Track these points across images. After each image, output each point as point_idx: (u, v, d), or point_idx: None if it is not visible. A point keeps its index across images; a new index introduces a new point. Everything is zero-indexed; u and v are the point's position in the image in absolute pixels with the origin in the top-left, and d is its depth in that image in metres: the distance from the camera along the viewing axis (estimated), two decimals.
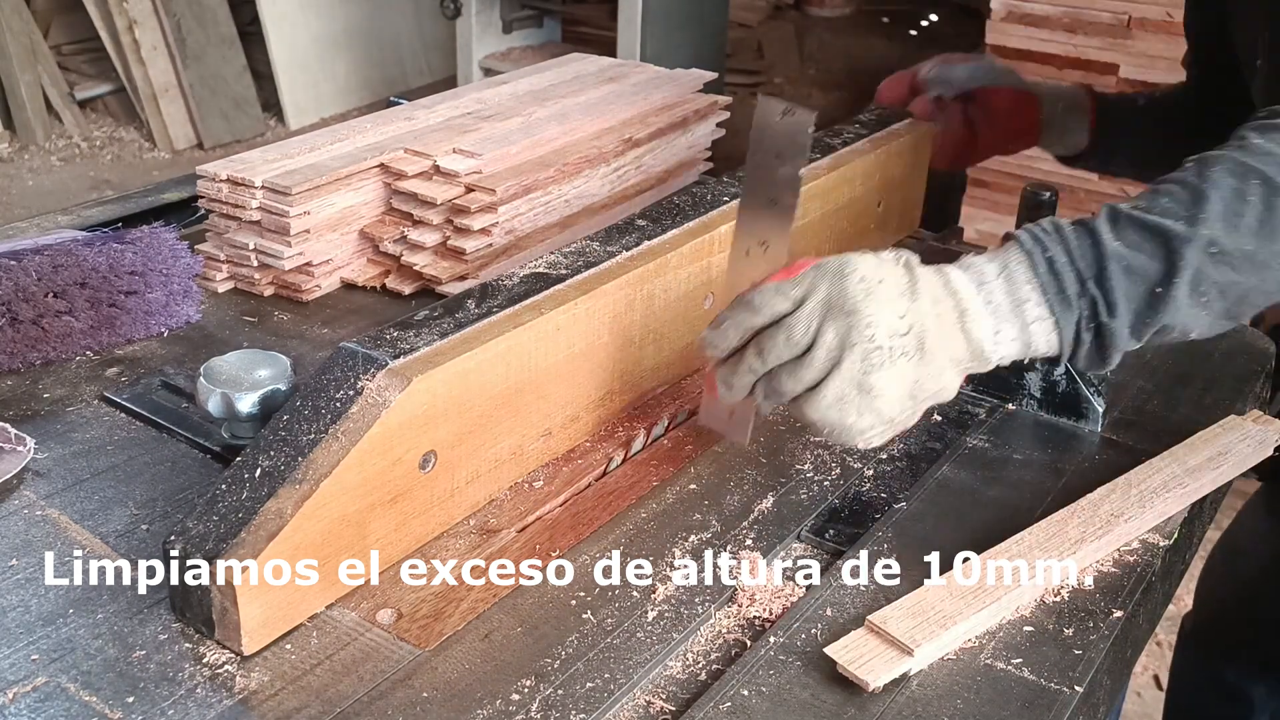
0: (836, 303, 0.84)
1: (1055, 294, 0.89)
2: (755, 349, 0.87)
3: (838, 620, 0.84)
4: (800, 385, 0.85)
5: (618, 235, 1.09)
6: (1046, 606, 0.87)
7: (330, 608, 0.84)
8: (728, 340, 0.89)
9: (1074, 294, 0.89)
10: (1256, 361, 1.26)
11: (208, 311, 1.25)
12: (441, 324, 0.91)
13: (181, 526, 0.79)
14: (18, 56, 4.74)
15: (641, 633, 0.82)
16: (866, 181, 1.36)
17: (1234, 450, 1.04)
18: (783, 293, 0.86)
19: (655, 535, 0.93)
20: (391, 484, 0.85)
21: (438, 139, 1.34)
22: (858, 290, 0.84)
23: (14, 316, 1.09)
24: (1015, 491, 1.01)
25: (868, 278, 0.85)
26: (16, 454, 0.96)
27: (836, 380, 0.84)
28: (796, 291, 0.86)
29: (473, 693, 0.77)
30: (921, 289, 0.86)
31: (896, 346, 0.84)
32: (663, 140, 1.51)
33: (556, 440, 1.01)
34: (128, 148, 5.00)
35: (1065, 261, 0.89)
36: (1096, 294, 0.89)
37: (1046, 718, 0.77)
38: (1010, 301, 0.89)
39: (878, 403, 0.85)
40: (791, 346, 0.85)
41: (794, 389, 0.86)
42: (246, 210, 1.24)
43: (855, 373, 0.84)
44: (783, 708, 0.76)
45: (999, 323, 0.89)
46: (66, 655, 0.78)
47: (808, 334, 0.84)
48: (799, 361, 0.85)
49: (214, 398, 0.96)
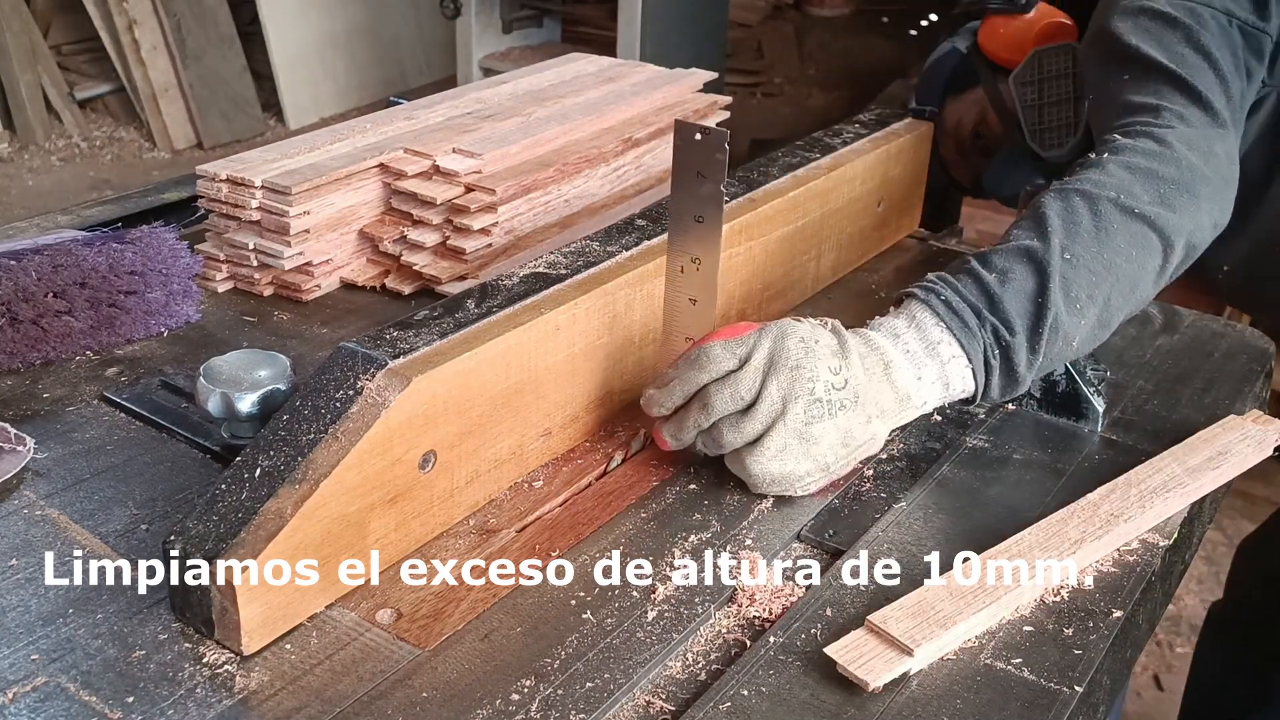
0: (780, 360, 0.93)
1: (960, 329, 0.99)
2: (700, 403, 0.94)
3: (838, 620, 0.84)
4: (741, 438, 0.93)
5: (618, 235, 1.09)
6: (1046, 606, 0.87)
7: (330, 608, 0.84)
8: (673, 399, 0.96)
9: (975, 325, 1.00)
10: (1256, 361, 1.26)
11: (207, 311, 1.25)
12: (441, 324, 0.91)
13: (181, 526, 0.79)
14: (18, 56, 4.74)
15: (641, 633, 0.82)
16: (866, 181, 1.36)
17: (1234, 450, 1.04)
18: (729, 350, 0.94)
19: (655, 535, 0.93)
20: (391, 484, 0.85)
21: (438, 139, 1.34)
22: (798, 349, 0.93)
23: (14, 316, 1.09)
24: (1015, 491, 1.01)
25: (806, 338, 0.94)
26: (16, 454, 0.96)
27: (780, 431, 0.92)
28: (742, 350, 0.93)
29: (473, 693, 0.77)
30: (850, 348, 0.96)
31: (835, 400, 0.93)
32: (663, 140, 1.51)
33: (556, 440, 1.01)
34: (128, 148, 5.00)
35: (959, 300, 1.00)
36: (993, 320, 1.00)
37: (1046, 718, 0.77)
38: (924, 346, 0.99)
39: (815, 450, 0.93)
40: (736, 401, 0.93)
41: (735, 441, 0.93)
42: (246, 210, 1.24)
43: (798, 423, 0.92)
44: (782, 708, 0.76)
45: (918, 368, 0.99)
46: (66, 655, 0.78)
47: (752, 390, 0.92)
48: (743, 415, 0.93)
49: (214, 398, 0.96)
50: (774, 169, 1.27)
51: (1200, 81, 1.19)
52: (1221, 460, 1.03)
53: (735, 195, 1.20)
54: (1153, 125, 1.15)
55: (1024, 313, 1.00)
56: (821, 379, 0.93)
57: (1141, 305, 1.11)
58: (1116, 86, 1.24)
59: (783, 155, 1.31)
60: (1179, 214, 1.09)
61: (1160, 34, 1.23)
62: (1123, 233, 1.05)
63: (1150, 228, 1.07)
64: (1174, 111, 1.17)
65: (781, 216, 1.22)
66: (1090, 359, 1.12)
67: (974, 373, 1.00)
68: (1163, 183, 1.09)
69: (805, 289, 1.32)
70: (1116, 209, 1.06)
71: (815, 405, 0.92)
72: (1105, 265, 1.04)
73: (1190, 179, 1.11)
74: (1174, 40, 1.22)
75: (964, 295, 1.00)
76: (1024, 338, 1.00)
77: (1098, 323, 1.04)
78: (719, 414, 0.93)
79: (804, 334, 0.94)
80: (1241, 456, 1.04)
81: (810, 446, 0.93)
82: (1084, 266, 1.02)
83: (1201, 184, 1.12)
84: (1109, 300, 1.04)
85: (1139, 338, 1.29)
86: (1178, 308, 1.35)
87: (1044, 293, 1.00)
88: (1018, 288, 1.01)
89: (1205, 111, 1.18)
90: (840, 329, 0.98)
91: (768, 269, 1.23)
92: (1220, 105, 1.19)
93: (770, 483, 0.94)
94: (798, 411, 0.92)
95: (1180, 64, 1.20)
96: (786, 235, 1.24)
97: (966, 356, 0.99)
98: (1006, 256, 1.03)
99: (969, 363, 0.99)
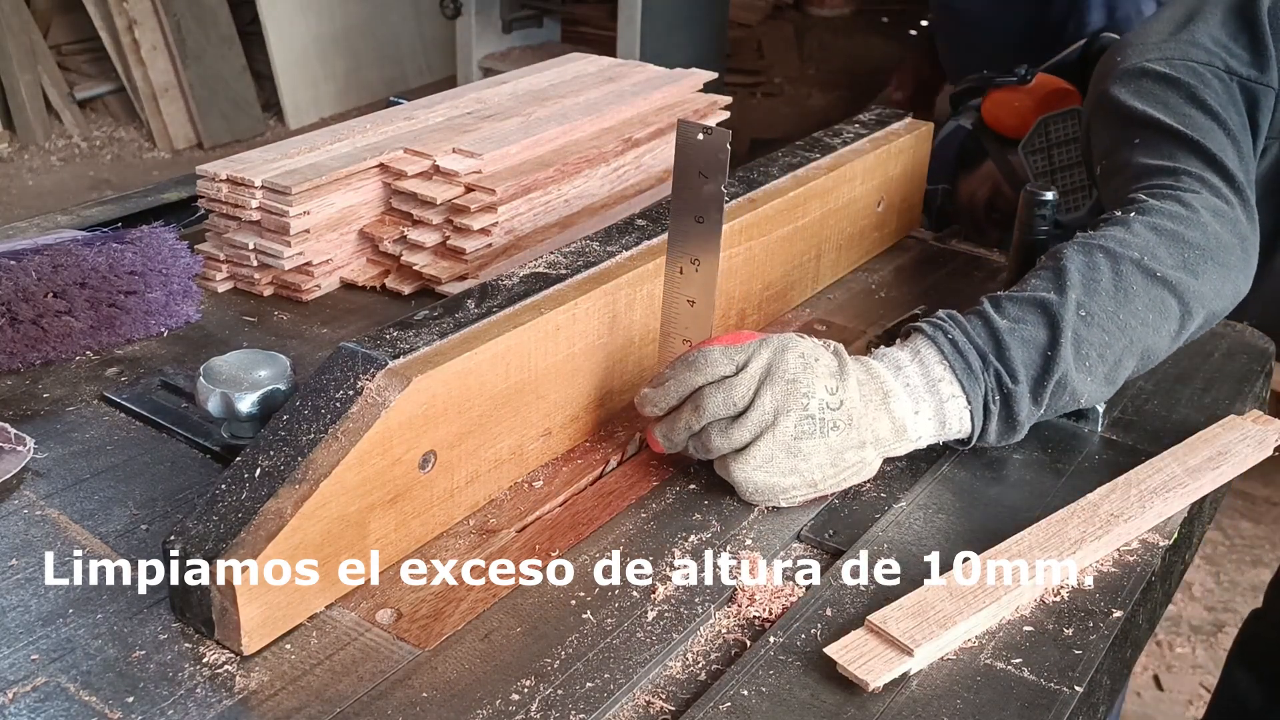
0: (777, 372, 0.92)
1: (963, 370, 0.98)
2: (693, 405, 0.94)
3: (837, 620, 0.84)
4: (729, 445, 0.93)
5: (618, 235, 1.09)
6: (1046, 606, 0.87)
7: (330, 608, 0.84)
8: (668, 399, 0.96)
9: (979, 369, 0.99)
10: (1256, 361, 1.26)
11: (207, 311, 1.25)
12: (441, 324, 0.91)
13: (181, 526, 0.79)
14: (18, 56, 4.74)
15: (641, 633, 0.82)
16: (866, 181, 1.36)
17: (1234, 450, 1.04)
18: (728, 356, 0.93)
19: (655, 535, 0.93)
20: (391, 484, 0.85)
21: (437, 139, 1.34)
22: (797, 364, 0.93)
23: (14, 316, 1.09)
24: (1015, 491, 1.01)
25: (806, 354, 0.94)
26: (16, 454, 0.96)
27: (768, 441, 0.92)
28: (740, 357, 0.93)
29: (472, 693, 0.77)
30: (849, 372, 0.95)
31: (828, 419, 0.93)
32: (663, 140, 1.51)
33: (556, 440, 1.01)
34: (128, 148, 5.00)
35: (966, 342, 0.99)
36: (998, 366, 0.99)
37: (1046, 718, 0.77)
38: (925, 382, 0.98)
39: (802, 465, 0.93)
40: (728, 406, 0.92)
41: (722, 447, 0.93)
42: (246, 210, 1.24)
43: (786, 436, 0.92)
44: (782, 708, 0.76)
45: (917, 402, 0.98)
46: (66, 655, 0.78)
47: (745, 397, 0.92)
48: (733, 422, 0.92)
49: (214, 398, 0.96)
50: (774, 169, 1.27)
51: (1212, 143, 1.18)
52: (1221, 460, 1.03)
53: (735, 195, 1.20)
54: (1177, 189, 1.13)
55: (1030, 363, 0.99)
56: (816, 396, 0.92)
57: (1152, 366, 1.09)
58: (1128, 152, 1.22)
59: (783, 155, 1.31)
60: (1201, 281, 1.07)
61: (1164, 96, 1.22)
62: (1143, 295, 1.04)
63: (1171, 293, 1.05)
64: (1192, 175, 1.15)
65: (781, 216, 1.22)
66: None
67: (972, 414, 0.99)
68: (1188, 248, 1.08)
69: (805, 289, 1.32)
70: (1139, 271, 1.04)
71: (807, 421, 0.92)
72: (1120, 326, 1.02)
73: (1215, 246, 1.09)
74: (1178, 101, 1.21)
75: (971, 337, 0.99)
76: (1027, 388, 0.99)
77: (1105, 380, 1.03)
78: (710, 418, 0.93)
79: (805, 350, 0.94)
80: (1241, 456, 1.04)
81: (797, 461, 0.92)
82: (1098, 325, 1.01)
83: (1226, 252, 1.10)
84: (1120, 361, 1.03)
85: None
86: None
87: (1054, 346, 0.99)
88: (1028, 337, 1.00)
89: (1220, 174, 1.16)
90: (842, 351, 0.97)
91: (768, 269, 1.23)
92: (1234, 166, 1.17)
93: (754, 491, 0.94)
94: (788, 425, 0.91)
95: (1189, 126, 1.19)
96: (786, 235, 1.24)
97: (966, 398, 0.98)
98: (1021, 305, 1.02)
99: (968, 404, 0.98)
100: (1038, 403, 1.00)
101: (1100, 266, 1.04)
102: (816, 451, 0.93)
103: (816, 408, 0.92)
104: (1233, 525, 2.80)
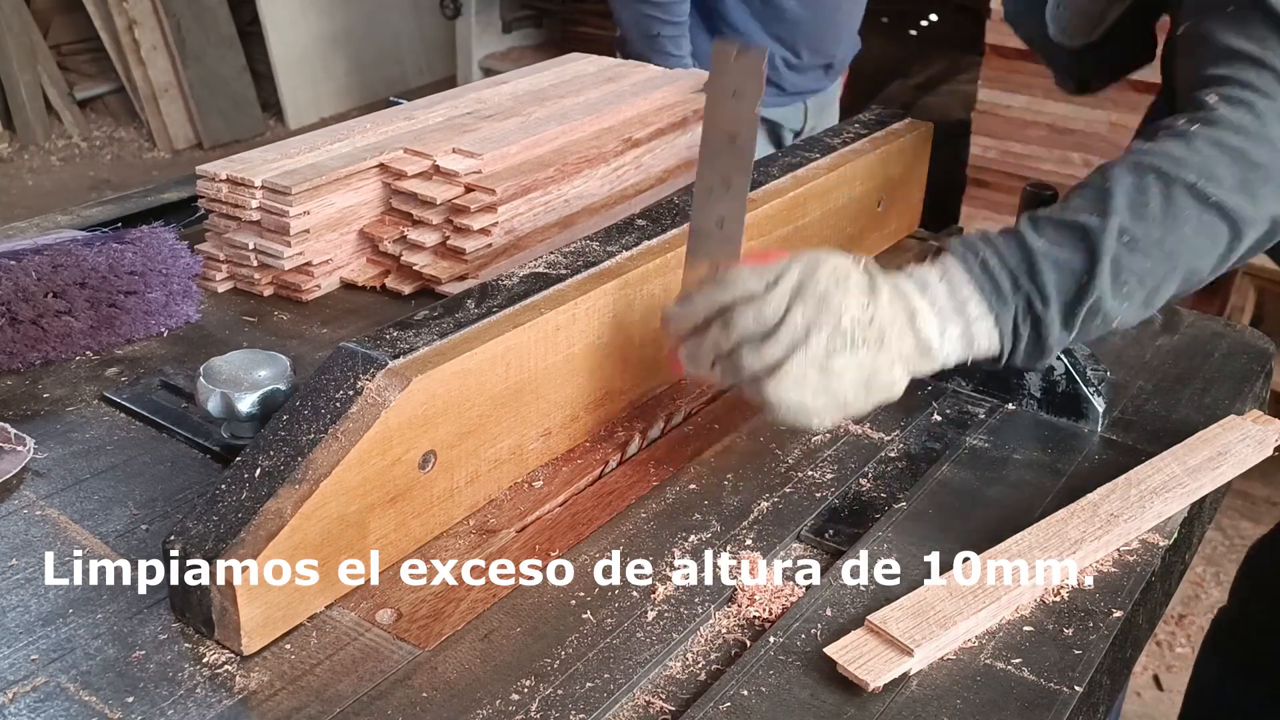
0: (808, 288, 0.89)
1: (992, 292, 0.96)
2: (721, 324, 0.91)
3: (837, 620, 0.84)
4: (761, 363, 0.89)
5: (618, 235, 1.09)
6: (1046, 606, 0.87)
7: (330, 608, 0.84)
8: (695, 315, 0.92)
9: (1009, 290, 0.96)
10: (1256, 361, 1.26)
11: (207, 311, 1.25)
12: (441, 324, 0.91)
13: (181, 526, 0.79)
14: (18, 56, 4.74)
15: (641, 633, 0.82)
16: (866, 181, 1.36)
17: (1234, 450, 1.04)
18: (757, 274, 0.90)
19: (655, 535, 0.93)
20: (391, 484, 0.85)
21: (437, 139, 1.34)
22: (829, 280, 0.90)
23: (14, 316, 1.09)
24: (1015, 491, 1.01)
25: (839, 270, 0.91)
26: (16, 454, 0.96)
27: (799, 359, 0.88)
28: (770, 275, 0.90)
29: (472, 693, 0.77)
30: (880, 288, 0.92)
31: (859, 335, 0.90)
32: (662, 140, 1.51)
33: (556, 440, 1.01)
34: (127, 148, 5.00)
35: (997, 263, 0.96)
36: (1030, 288, 0.96)
37: (1046, 718, 0.77)
38: (953, 302, 0.96)
39: (834, 384, 0.90)
40: (759, 324, 0.89)
41: (754, 366, 0.90)
42: (246, 210, 1.24)
43: (819, 354, 0.89)
44: (782, 708, 0.76)
45: (944, 322, 0.95)
46: (66, 655, 0.78)
47: (776, 313, 0.89)
48: (764, 339, 0.89)
49: (214, 398, 0.96)
50: (774, 169, 1.27)
51: None
52: (1221, 460, 1.03)
53: None
54: (1251, 91, 1.04)
55: (1064, 288, 0.96)
56: (849, 312, 0.89)
57: (1196, 289, 1.05)
58: (1217, 20, 1.11)
59: (783, 155, 1.31)
60: (1258, 204, 1.01)
61: None
62: (1193, 221, 0.99)
63: (1223, 218, 1.00)
64: (1275, 72, 1.05)
65: (781, 216, 1.22)
66: (1090, 359, 1.12)
67: (1001, 335, 0.96)
68: (1251, 168, 1.00)
69: None
70: (1192, 196, 0.99)
71: (840, 337, 0.89)
72: (1165, 253, 0.98)
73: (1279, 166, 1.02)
74: None
75: (1003, 258, 0.96)
76: (1058, 312, 0.96)
77: (1144, 304, 1.00)
78: (740, 336, 0.89)
79: (837, 265, 0.91)
80: (1241, 456, 1.04)
81: (829, 380, 0.89)
82: (1140, 251, 0.97)
83: None
84: (1160, 286, 0.99)
85: (1139, 338, 1.29)
86: (1178, 308, 1.35)
87: (1090, 273, 0.96)
88: (1063, 261, 0.96)
89: None
90: (873, 268, 0.94)
91: None
92: None
93: (786, 411, 0.90)
94: (820, 341, 0.88)
95: None
96: (786, 235, 1.24)
97: (994, 319, 0.96)
98: (1060, 228, 0.98)
99: (996, 325, 0.96)
100: (1068, 327, 0.97)
101: (1149, 191, 0.98)
102: (848, 370, 0.90)
103: (849, 323, 0.89)
104: (1233, 525, 2.80)
